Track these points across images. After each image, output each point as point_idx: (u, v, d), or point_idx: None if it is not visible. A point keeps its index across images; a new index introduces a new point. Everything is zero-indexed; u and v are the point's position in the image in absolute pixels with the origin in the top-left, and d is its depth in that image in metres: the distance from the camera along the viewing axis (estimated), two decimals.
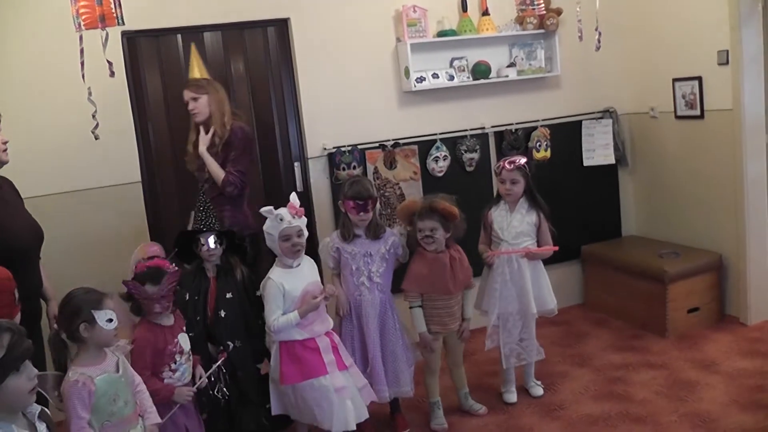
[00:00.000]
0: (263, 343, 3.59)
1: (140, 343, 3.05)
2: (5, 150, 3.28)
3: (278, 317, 3.35)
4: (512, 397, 4.06)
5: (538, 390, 4.11)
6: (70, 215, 4.32)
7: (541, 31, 5.05)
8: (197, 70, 3.98)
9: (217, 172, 3.85)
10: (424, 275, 3.69)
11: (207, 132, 3.91)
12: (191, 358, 3.19)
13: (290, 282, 3.38)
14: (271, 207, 3.42)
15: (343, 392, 3.37)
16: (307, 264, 3.54)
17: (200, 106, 3.92)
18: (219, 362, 3.32)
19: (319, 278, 3.53)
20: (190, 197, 4.50)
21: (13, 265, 2.79)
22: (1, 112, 3.44)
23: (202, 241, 3.55)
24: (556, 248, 3.94)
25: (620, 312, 5.08)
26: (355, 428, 3.42)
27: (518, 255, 3.92)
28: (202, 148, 3.90)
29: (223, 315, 3.54)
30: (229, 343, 3.52)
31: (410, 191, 4.87)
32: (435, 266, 3.68)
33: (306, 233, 3.46)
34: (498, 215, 3.98)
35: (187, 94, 3.95)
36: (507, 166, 3.89)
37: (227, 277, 3.60)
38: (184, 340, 3.15)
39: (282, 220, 3.36)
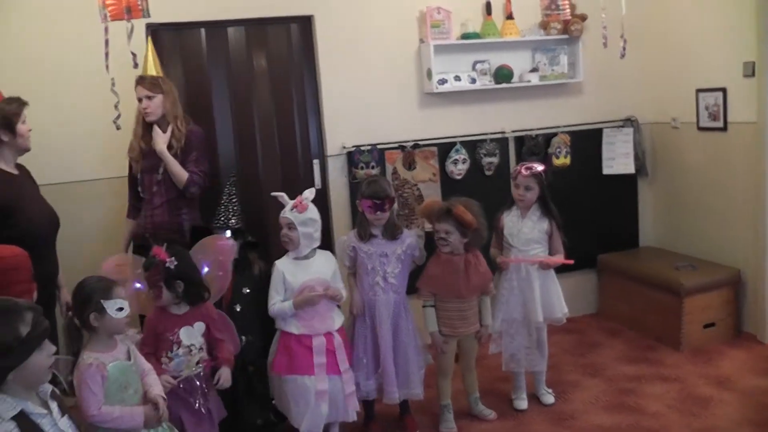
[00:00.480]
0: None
1: (147, 323, 3.17)
2: (29, 138, 3.31)
3: (276, 303, 3.44)
4: (522, 404, 4.04)
5: (549, 398, 4.08)
6: (87, 203, 4.35)
7: (565, 36, 5.03)
8: (153, 67, 3.86)
9: (180, 172, 3.77)
10: (437, 276, 3.70)
11: (164, 131, 3.80)
12: (195, 353, 3.16)
13: (293, 272, 3.46)
14: (285, 194, 3.53)
15: (323, 397, 3.39)
16: (321, 259, 3.56)
17: (154, 105, 3.80)
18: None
19: (329, 276, 3.52)
20: (209, 190, 4.53)
21: (29, 251, 2.82)
22: (26, 101, 3.47)
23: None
24: (571, 261, 3.89)
25: (634, 323, 5.04)
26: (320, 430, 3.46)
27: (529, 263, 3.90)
28: (162, 146, 3.76)
29: (238, 309, 3.57)
30: (242, 337, 3.53)
31: (428, 193, 4.85)
32: (448, 268, 3.67)
33: (302, 231, 3.46)
34: (509, 220, 3.97)
35: (141, 91, 3.81)
36: (523, 171, 3.88)
37: (245, 272, 3.62)
38: (186, 334, 3.13)
39: (284, 208, 3.48)
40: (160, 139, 3.77)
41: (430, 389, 3.91)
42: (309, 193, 3.54)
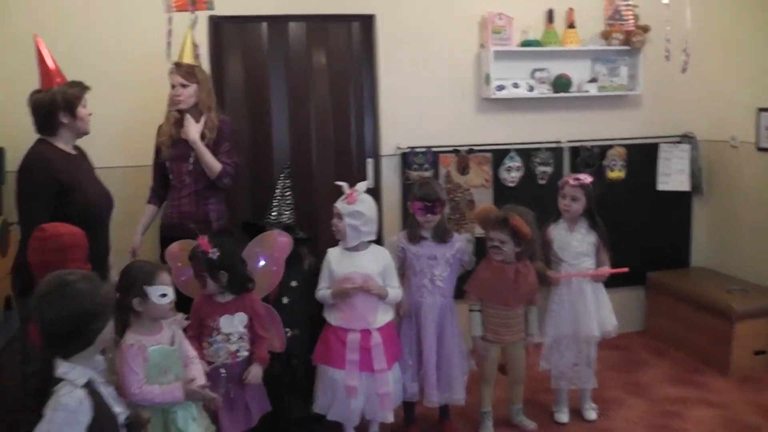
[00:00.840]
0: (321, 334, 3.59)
1: (193, 307, 3.23)
2: (88, 122, 3.38)
3: (320, 289, 3.54)
4: (563, 417, 3.99)
5: (591, 414, 4.03)
6: (138, 189, 4.38)
7: (626, 47, 4.95)
8: (189, 55, 3.81)
9: (213, 163, 3.75)
10: (486, 282, 3.68)
11: (196, 121, 3.78)
12: (234, 341, 3.18)
13: (339, 263, 3.52)
14: (347, 184, 3.59)
15: (352, 393, 3.40)
16: (372, 254, 3.56)
17: (187, 94, 3.76)
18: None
19: (377, 272, 3.52)
20: (262, 182, 4.56)
21: (84, 230, 2.87)
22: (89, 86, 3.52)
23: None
24: (626, 270, 3.85)
25: (681, 344, 4.94)
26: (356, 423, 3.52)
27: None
28: (195, 136, 3.72)
29: (285, 302, 3.59)
30: (287, 330, 3.55)
31: (480, 198, 4.83)
32: (497, 275, 3.65)
33: (348, 222, 3.48)
34: (557, 234, 3.91)
35: (176, 79, 3.76)
36: (571, 181, 3.84)
37: (295, 266, 3.64)
38: (226, 322, 3.18)
39: (343, 200, 3.52)
40: (193, 129, 3.74)
41: (471, 396, 3.88)
42: (361, 186, 3.58)
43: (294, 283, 3.63)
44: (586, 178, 3.86)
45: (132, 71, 4.29)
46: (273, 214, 3.81)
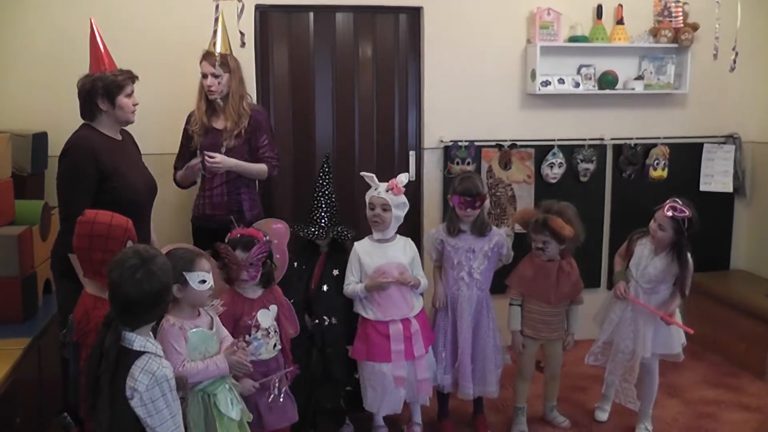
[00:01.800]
0: (357, 325, 3.62)
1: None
2: (134, 112, 3.35)
3: (350, 283, 3.53)
4: (603, 415, 4.00)
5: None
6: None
7: (675, 45, 4.89)
8: (223, 44, 3.78)
9: (260, 170, 3.81)
10: (528, 278, 3.70)
11: (226, 110, 3.79)
12: (272, 335, 3.15)
13: (369, 255, 3.53)
14: (374, 175, 3.60)
15: (401, 383, 3.47)
16: (400, 244, 3.61)
17: (219, 83, 3.76)
18: (284, 372, 3.19)
19: (407, 262, 3.57)
20: (302, 173, 4.60)
21: (126, 215, 2.83)
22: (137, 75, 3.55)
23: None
24: (691, 331, 3.71)
25: (718, 347, 4.92)
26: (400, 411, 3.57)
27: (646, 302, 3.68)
28: (231, 161, 3.70)
29: (325, 289, 3.62)
30: (325, 318, 3.59)
31: (522, 194, 4.84)
32: (540, 273, 3.67)
33: (395, 213, 3.53)
34: (640, 251, 3.69)
35: (207, 68, 3.75)
36: (666, 211, 3.55)
37: (338, 255, 3.68)
38: (264, 316, 3.12)
39: (376, 189, 3.53)
40: (226, 160, 3.71)
41: (505, 390, 3.93)
42: (404, 177, 3.59)
43: (336, 272, 3.65)
44: (684, 211, 3.54)
45: (176, 59, 4.32)
46: (323, 220, 3.68)
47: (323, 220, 3.65)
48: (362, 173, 3.65)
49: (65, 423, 2.40)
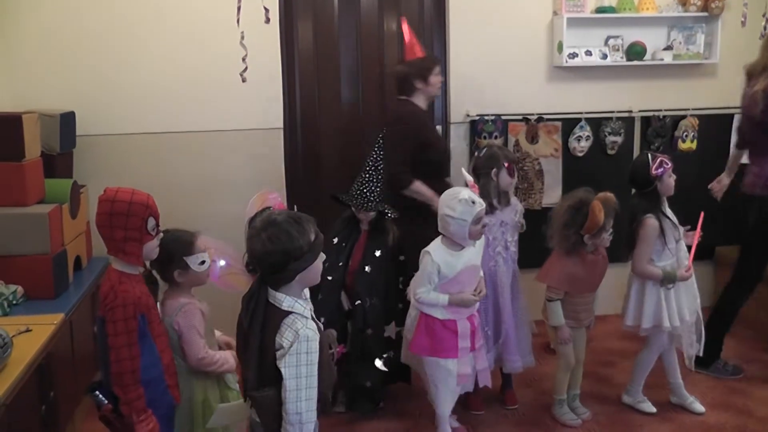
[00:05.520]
0: (396, 306, 3.62)
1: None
2: (439, 88, 4.02)
3: (427, 291, 3.25)
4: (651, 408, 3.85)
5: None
6: (203, 154, 4.48)
7: (704, 14, 4.78)
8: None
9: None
10: (579, 277, 3.54)
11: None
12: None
13: (449, 264, 3.25)
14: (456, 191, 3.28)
15: (466, 380, 3.37)
16: (475, 246, 3.38)
17: None
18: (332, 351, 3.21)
19: (479, 260, 3.39)
20: (330, 148, 4.59)
21: (433, 171, 3.83)
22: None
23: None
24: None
25: (750, 322, 4.83)
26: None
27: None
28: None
29: (367, 270, 3.61)
30: (367, 299, 3.59)
31: (549, 168, 4.79)
32: (591, 268, 3.55)
33: None
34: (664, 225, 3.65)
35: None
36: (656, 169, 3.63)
37: (379, 235, 3.66)
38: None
39: (474, 202, 3.17)
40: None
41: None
42: (469, 176, 3.46)
43: (378, 253, 3.63)
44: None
45: (200, 34, 4.35)
46: (373, 194, 3.64)
47: (374, 194, 3.62)
48: (463, 170, 3.51)
49: (97, 401, 2.42)
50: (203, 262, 2.69)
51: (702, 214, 3.70)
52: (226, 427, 2.68)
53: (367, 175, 3.64)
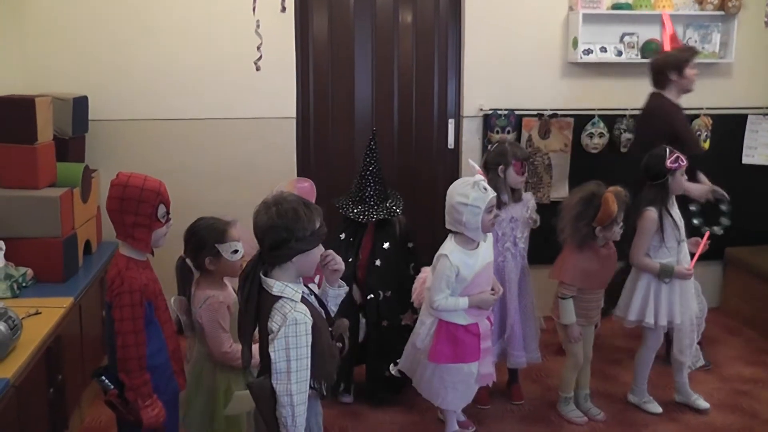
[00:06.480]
0: (410, 294, 3.57)
1: None
2: (694, 81, 4.03)
3: (446, 297, 3.15)
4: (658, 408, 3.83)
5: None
6: (215, 141, 4.48)
7: (721, 12, 4.75)
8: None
9: None
10: (593, 272, 3.52)
11: None
12: None
13: (467, 265, 3.16)
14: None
15: (487, 379, 3.37)
16: (486, 243, 3.31)
17: None
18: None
19: (492, 257, 3.34)
20: (343, 136, 4.58)
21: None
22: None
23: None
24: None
25: (757, 323, 4.83)
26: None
27: None
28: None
29: (378, 264, 3.60)
30: (380, 292, 3.59)
31: (558, 162, 4.78)
32: (604, 262, 3.54)
33: None
34: (675, 213, 3.65)
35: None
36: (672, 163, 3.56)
37: (386, 227, 3.64)
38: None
39: (486, 189, 3.08)
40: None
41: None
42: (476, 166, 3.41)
43: (386, 245, 3.63)
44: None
45: (217, 22, 4.35)
46: (371, 199, 3.63)
47: (372, 199, 3.61)
48: (470, 161, 3.47)
49: (103, 386, 2.42)
50: (236, 251, 2.65)
51: (707, 233, 3.80)
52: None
53: (363, 180, 3.63)
